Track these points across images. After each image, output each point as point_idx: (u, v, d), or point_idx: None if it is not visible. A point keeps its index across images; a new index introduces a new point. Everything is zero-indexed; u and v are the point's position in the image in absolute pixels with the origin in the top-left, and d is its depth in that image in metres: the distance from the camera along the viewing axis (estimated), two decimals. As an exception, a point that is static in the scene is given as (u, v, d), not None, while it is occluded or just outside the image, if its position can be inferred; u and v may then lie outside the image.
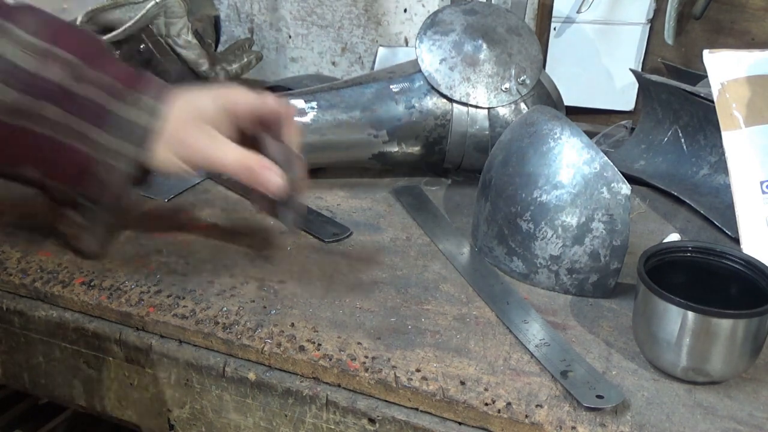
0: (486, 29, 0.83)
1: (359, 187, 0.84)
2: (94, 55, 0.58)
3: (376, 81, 0.83)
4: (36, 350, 0.63)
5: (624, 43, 1.04)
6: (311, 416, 0.54)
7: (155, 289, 0.61)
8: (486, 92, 0.81)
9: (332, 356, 0.54)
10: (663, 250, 0.56)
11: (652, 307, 0.52)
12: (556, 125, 0.64)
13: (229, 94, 0.59)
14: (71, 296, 0.61)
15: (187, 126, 0.57)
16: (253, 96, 0.59)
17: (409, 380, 0.51)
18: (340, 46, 1.24)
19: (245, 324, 0.57)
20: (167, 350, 0.57)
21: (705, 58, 0.72)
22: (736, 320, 0.49)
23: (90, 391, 0.63)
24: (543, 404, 0.50)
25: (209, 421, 0.58)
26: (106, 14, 0.96)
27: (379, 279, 0.64)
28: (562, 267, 0.62)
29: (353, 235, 0.72)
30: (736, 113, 0.70)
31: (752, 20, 0.97)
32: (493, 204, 0.66)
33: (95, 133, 0.56)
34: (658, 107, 0.89)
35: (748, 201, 0.68)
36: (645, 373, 0.53)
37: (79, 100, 0.56)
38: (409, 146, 0.83)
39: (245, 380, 0.55)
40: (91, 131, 0.56)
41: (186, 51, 0.97)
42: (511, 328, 0.57)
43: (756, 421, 0.49)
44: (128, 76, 0.58)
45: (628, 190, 0.61)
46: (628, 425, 0.48)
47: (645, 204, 0.82)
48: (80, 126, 0.56)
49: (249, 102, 0.58)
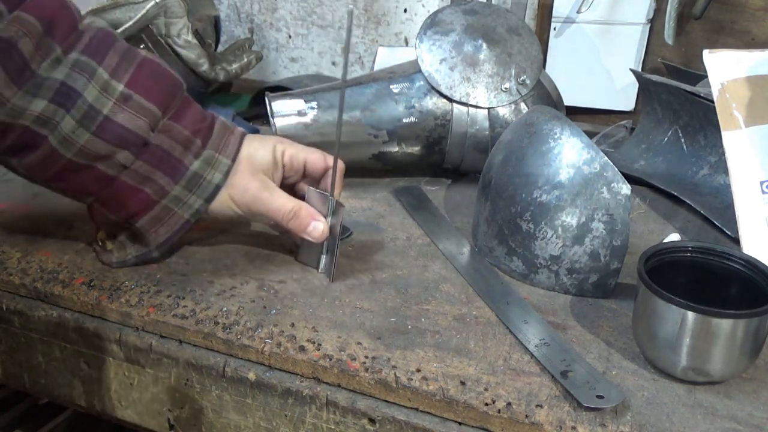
0: (486, 29, 0.83)
1: (359, 187, 0.84)
2: (171, 100, 0.59)
3: (376, 81, 0.83)
4: (36, 350, 0.63)
5: (624, 43, 1.04)
6: (311, 416, 0.54)
7: (155, 289, 0.61)
8: (486, 92, 0.81)
9: (332, 356, 0.54)
10: (663, 250, 0.56)
11: (652, 307, 0.52)
12: (556, 125, 0.64)
13: (282, 146, 0.63)
14: (71, 296, 0.61)
15: (246, 174, 0.61)
16: (304, 150, 0.64)
17: (409, 380, 0.51)
18: (340, 46, 1.24)
19: (245, 324, 0.57)
20: (167, 350, 0.57)
21: (705, 58, 0.72)
22: (736, 320, 0.49)
23: (90, 391, 0.63)
24: (543, 404, 0.50)
25: (209, 421, 0.58)
26: (106, 14, 0.96)
27: (379, 279, 0.64)
28: (562, 267, 0.62)
29: (353, 235, 0.72)
30: (736, 113, 0.70)
31: (752, 20, 0.97)
32: (493, 204, 0.66)
33: (165, 182, 0.59)
34: (658, 107, 0.89)
35: (748, 201, 0.68)
36: (645, 373, 0.53)
37: (153, 149, 0.58)
38: (409, 146, 0.83)
39: (245, 380, 0.55)
40: (162, 179, 0.59)
41: (186, 51, 0.97)
42: (511, 328, 0.57)
43: (756, 421, 0.49)
44: (203, 128, 0.60)
45: (628, 190, 0.61)
46: (628, 425, 0.48)
47: (645, 204, 0.82)
48: (152, 174, 0.58)
49: (300, 155, 0.64)
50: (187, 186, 0.59)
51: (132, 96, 0.57)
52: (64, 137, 0.55)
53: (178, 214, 0.60)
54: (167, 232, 0.61)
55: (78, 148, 0.56)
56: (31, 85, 0.54)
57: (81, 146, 0.56)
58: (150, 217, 0.60)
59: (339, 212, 0.63)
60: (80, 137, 0.56)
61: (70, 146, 0.56)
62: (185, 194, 0.59)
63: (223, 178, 0.60)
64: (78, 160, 0.57)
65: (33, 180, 0.60)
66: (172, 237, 0.61)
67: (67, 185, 0.59)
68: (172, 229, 0.61)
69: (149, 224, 0.60)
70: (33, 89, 0.54)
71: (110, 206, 0.60)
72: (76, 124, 0.55)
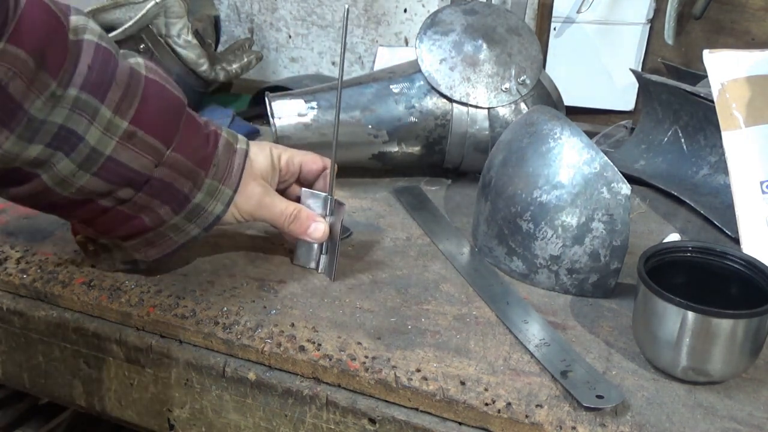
0: (486, 29, 0.83)
1: (359, 187, 0.84)
2: (175, 131, 0.56)
3: (376, 81, 0.83)
4: (36, 350, 0.63)
5: (624, 43, 1.04)
6: (311, 416, 0.54)
7: (155, 289, 0.61)
8: (486, 92, 0.81)
9: (332, 356, 0.54)
10: (663, 250, 0.56)
11: (652, 307, 0.52)
12: (556, 125, 0.64)
13: (278, 150, 0.64)
14: (71, 296, 0.61)
15: (248, 182, 0.61)
16: (299, 153, 0.65)
17: (409, 380, 0.51)
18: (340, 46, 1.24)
19: (245, 324, 0.57)
20: (167, 350, 0.57)
21: (705, 58, 0.72)
22: (736, 320, 0.49)
23: (90, 391, 0.63)
24: (543, 404, 0.50)
25: (209, 421, 0.58)
26: (106, 14, 0.96)
27: (379, 279, 0.64)
28: (562, 267, 0.62)
29: (353, 235, 0.72)
30: (736, 113, 0.70)
31: (752, 20, 0.97)
32: (493, 204, 0.66)
33: (164, 212, 0.57)
34: (658, 107, 0.89)
35: (748, 201, 0.68)
36: (645, 373, 0.53)
37: (155, 182, 0.55)
38: (409, 146, 0.83)
39: (245, 380, 0.55)
40: (160, 209, 0.57)
41: (186, 51, 0.97)
42: (511, 328, 0.57)
43: (756, 421, 0.49)
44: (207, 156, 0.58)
45: (628, 190, 0.61)
46: (628, 425, 0.48)
47: (645, 204, 0.82)
48: (150, 203, 0.56)
49: (296, 159, 0.64)
50: (188, 216, 0.58)
51: (137, 133, 0.53)
52: (62, 179, 0.52)
53: (173, 240, 0.59)
54: (158, 253, 0.60)
55: (76, 188, 0.53)
56: (25, 128, 0.49)
57: (80, 186, 0.53)
58: (141, 240, 0.58)
59: (339, 212, 0.63)
60: (80, 179, 0.53)
61: (68, 186, 0.53)
62: (184, 223, 0.58)
63: (224, 208, 0.59)
64: (75, 197, 0.54)
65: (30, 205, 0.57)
66: (163, 258, 0.60)
67: (61, 213, 0.58)
68: (163, 251, 0.59)
69: (138, 246, 0.59)
70: (28, 133, 0.49)
71: (98, 228, 0.58)
72: (76, 168, 0.52)
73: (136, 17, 0.91)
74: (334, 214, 0.64)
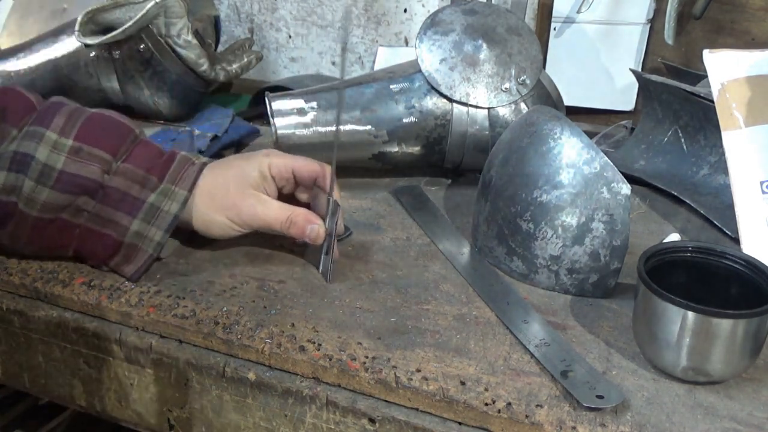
0: (486, 29, 0.83)
1: (359, 187, 0.84)
2: (120, 144, 0.62)
3: (376, 81, 0.83)
4: (36, 350, 0.63)
5: (624, 43, 1.04)
6: (311, 416, 0.54)
7: (155, 289, 0.61)
8: (486, 92, 0.81)
9: (332, 356, 0.54)
10: (663, 250, 0.56)
11: (652, 307, 0.52)
12: (556, 125, 0.64)
13: (268, 159, 0.65)
14: (71, 296, 0.61)
15: (237, 193, 0.63)
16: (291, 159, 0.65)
17: (409, 380, 0.51)
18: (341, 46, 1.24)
19: (245, 324, 0.57)
20: (167, 350, 0.58)
21: (705, 58, 0.72)
22: (736, 320, 0.49)
23: (90, 391, 0.63)
24: (543, 404, 0.50)
25: (209, 421, 0.58)
26: (106, 14, 0.96)
27: (379, 279, 0.64)
28: (562, 267, 0.62)
29: (353, 235, 0.72)
30: (736, 113, 0.70)
31: (752, 20, 0.97)
32: (493, 204, 0.66)
33: (126, 221, 0.61)
34: (658, 107, 0.89)
35: (748, 201, 0.68)
36: (645, 373, 0.53)
37: (110, 191, 0.61)
38: (409, 146, 0.83)
39: (245, 380, 0.55)
40: (123, 219, 0.61)
41: (186, 51, 0.97)
42: (511, 328, 0.57)
43: (756, 421, 0.49)
44: (159, 165, 0.63)
45: (628, 190, 0.61)
46: (628, 425, 0.48)
47: (645, 204, 0.82)
48: (113, 215, 0.61)
49: (287, 165, 0.65)
50: (145, 218, 0.61)
51: (82, 148, 0.60)
52: (27, 198, 0.59)
53: (143, 250, 0.61)
54: (134, 269, 0.62)
55: (41, 204, 0.59)
56: None
57: (43, 202, 0.59)
58: (119, 258, 0.62)
59: (336, 213, 0.64)
60: (41, 194, 0.59)
61: (34, 204, 0.59)
62: (144, 227, 0.61)
63: (180, 207, 0.61)
64: (43, 215, 0.60)
65: (16, 248, 0.63)
66: (138, 272, 0.62)
67: (42, 242, 0.62)
68: (137, 265, 0.62)
69: (118, 265, 0.62)
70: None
71: (85, 256, 0.63)
72: (34, 184, 0.59)
73: (136, 17, 0.91)
74: (332, 215, 0.64)
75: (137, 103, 1.00)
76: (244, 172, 0.64)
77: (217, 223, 0.64)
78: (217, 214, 0.63)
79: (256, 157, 0.65)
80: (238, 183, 0.63)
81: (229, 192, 0.63)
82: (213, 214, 0.63)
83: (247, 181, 0.64)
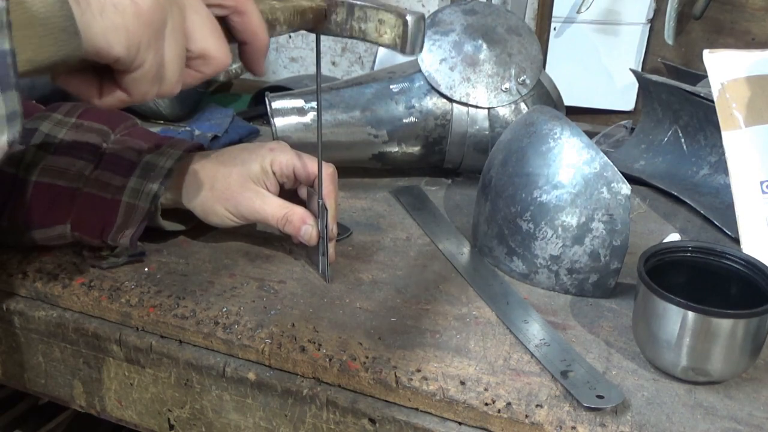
0: (486, 29, 0.83)
1: (359, 187, 0.84)
2: (119, 123, 0.68)
3: (376, 81, 0.83)
4: (36, 350, 0.63)
5: (624, 43, 1.04)
6: (311, 416, 0.54)
7: (155, 289, 0.61)
8: (486, 92, 0.81)
9: (332, 356, 0.54)
10: (663, 250, 0.56)
11: (652, 307, 0.52)
12: (556, 125, 0.64)
13: (272, 155, 0.65)
14: (71, 296, 0.61)
15: (238, 186, 0.64)
16: (294, 156, 0.65)
17: (409, 380, 0.51)
18: (340, 46, 1.24)
19: (245, 324, 0.57)
20: (167, 350, 0.57)
21: (705, 58, 0.72)
22: (736, 320, 0.49)
23: (90, 391, 0.63)
24: (543, 404, 0.50)
25: (209, 421, 0.58)
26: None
27: (379, 279, 0.64)
28: (562, 267, 0.62)
29: (353, 235, 0.72)
30: (736, 113, 0.70)
31: (752, 20, 0.97)
32: (493, 204, 0.66)
33: (120, 182, 0.63)
34: (658, 107, 0.89)
35: (748, 201, 0.68)
36: (645, 373, 0.53)
37: (108, 157, 0.64)
38: (409, 146, 0.83)
39: (245, 380, 0.55)
40: (116, 180, 0.63)
41: (186, 51, 0.97)
42: (511, 328, 0.57)
43: (756, 421, 0.49)
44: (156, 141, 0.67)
45: (628, 190, 0.61)
46: (628, 425, 0.48)
47: (645, 204, 0.82)
48: (111, 179, 0.63)
49: (289, 163, 0.65)
50: (142, 174, 0.63)
51: (83, 123, 0.66)
52: (27, 164, 0.63)
53: (140, 207, 0.62)
54: (131, 231, 0.62)
55: (40, 168, 0.62)
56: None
57: (42, 166, 0.62)
58: (119, 222, 0.62)
59: (324, 215, 0.63)
60: (41, 159, 0.63)
61: (34, 169, 0.62)
62: (140, 183, 0.63)
63: (174, 162, 0.64)
64: (42, 179, 0.62)
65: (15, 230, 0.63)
66: (137, 233, 0.62)
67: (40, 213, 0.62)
68: (136, 226, 0.62)
69: (118, 230, 0.62)
70: None
71: (84, 227, 0.63)
72: (35, 149, 0.63)
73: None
74: (322, 216, 0.63)
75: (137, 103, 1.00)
76: (247, 166, 0.64)
77: (216, 213, 0.64)
78: (216, 204, 0.64)
79: (261, 150, 0.65)
80: (239, 176, 0.64)
81: (230, 184, 0.63)
82: (213, 204, 0.64)
83: (248, 174, 0.64)
